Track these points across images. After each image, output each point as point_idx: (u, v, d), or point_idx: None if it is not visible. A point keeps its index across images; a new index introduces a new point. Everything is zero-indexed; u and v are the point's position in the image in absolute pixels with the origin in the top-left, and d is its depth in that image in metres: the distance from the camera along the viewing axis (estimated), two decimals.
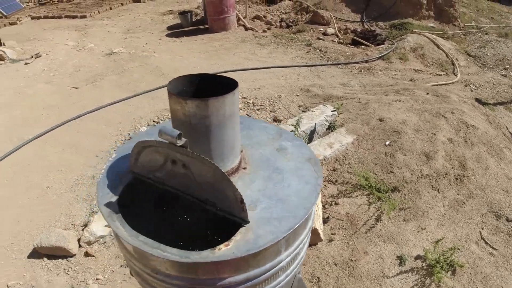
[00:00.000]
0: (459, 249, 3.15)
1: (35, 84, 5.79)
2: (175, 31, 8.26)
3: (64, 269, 3.07)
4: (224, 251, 1.00)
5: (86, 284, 3.00)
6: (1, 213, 3.50)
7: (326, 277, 3.16)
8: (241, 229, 1.07)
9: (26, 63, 6.72)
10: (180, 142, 0.98)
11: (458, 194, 3.56)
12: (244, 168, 1.29)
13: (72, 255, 3.13)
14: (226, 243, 1.02)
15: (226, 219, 1.09)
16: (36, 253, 3.11)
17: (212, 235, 1.11)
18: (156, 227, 1.14)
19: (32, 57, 6.92)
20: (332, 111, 3.98)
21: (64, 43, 7.93)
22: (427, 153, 3.76)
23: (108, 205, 1.13)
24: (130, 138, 4.11)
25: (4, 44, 7.62)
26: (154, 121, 4.27)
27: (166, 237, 1.11)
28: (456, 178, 3.66)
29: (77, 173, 3.87)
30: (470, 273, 3.06)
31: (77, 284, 2.97)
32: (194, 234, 1.14)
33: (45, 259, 3.09)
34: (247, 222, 1.07)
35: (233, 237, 1.04)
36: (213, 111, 1.06)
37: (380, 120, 4.03)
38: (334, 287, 3.14)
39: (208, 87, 1.22)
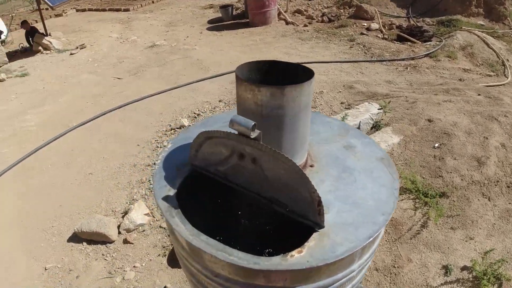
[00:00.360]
0: (507, 261, 2.88)
1: (80, 74, 5.90)
2: (216, 25, 8.21)
3: (103, 254, 3.06)
4: (297, 258, 0.87)
5: (124, 271, 2.98)
6: (43, 197, 3.55)
7: (366, 282, 2.98)
8: (315, 235, 0.93)
9: (71, 54, 6.87)
10: (253, 134, 0.85)
11: (510, 203, 3.27)
12: (311, 166, 1.15)
13: (111, 242, 3.11)
14: (299, 249, 0.89)
15: (296, 222, 0.95)
16: (76, 238, 3.12)
17: (281, 239, 0.98)
18: (216, 226, 1.02)
19: (77, 47, 7.06)
20: (378, 109, 3.76)
21: (108, 35, 8.06)
22: (478, 158, 3.47)
23: (166, 199, 1.02)
24: (183, 127, 4.06)
25: (50, 35, 7.84)
26: (194, 113, 4.21)
27: (228, 238, 0.99)
28: (508, 186, 3.35)
29: (118, 161, 3.87)
30: None
31: (114, 271, 2.95)
32: (259, 237, 1.01)
33: (84, 243, 3.09)
34: (322, 227, 0.93)
35: (306, 243, 0.90)
36: (289, 101, 0.92)
37: (429, 120, 3.76)
38: None
39: (278, 75, 1.09)
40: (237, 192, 1.04)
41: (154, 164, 1.17)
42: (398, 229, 3.21)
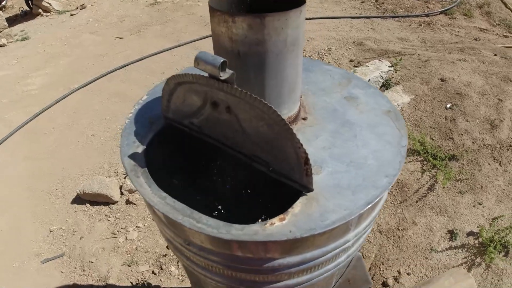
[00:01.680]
0: None
1: (81, 35, 5.65)
2: None
3: (106, 215, 2.99)
4: (278, 227, 0.71)
5: (127, 231, 2.92)
6: (47, 160, 3.47)
7: (368, 244, 2.87)
8: (301, 199, 0.76)
9: (71, 14, 6.56)
10: (224, 75, 0.66)
11: None
12: (304, 119, 0.96)
13: (114, 202, 3.04)
14: (281, 216, 0.72)
15: (280, 183, 0.78)
16: (79, 199, 3.05)
17: (261, 203, 0.82)
18: (190, 188, 0.86)
19: (77, 8, 6.74)
20: (388, 67, 3.47)
21: None
22: (491, 121, 3.20)
23: (133, 156, 0.85)
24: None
25: None
26: None
27: (202, 201, 0.83)
28: None
29: (120, 122, 3.73)
30: None
31: (117, 231, 2.90)
32: (236, 200, 0.85)
33: (87, 205, 3.02)
34: (310, 190, 0.76)
35: (290, 209, 0.73)
36: (272, 35, 0.72)
37: (442, 80, 3.47)
38: (377, 255, 2.84)
39: (264, 8, 0.87)
40: (214, 148, 0.87)
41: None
42: (404, 192, 3.05)
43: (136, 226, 2.98)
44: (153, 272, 2.67)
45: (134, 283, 2.63)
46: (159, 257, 2.76)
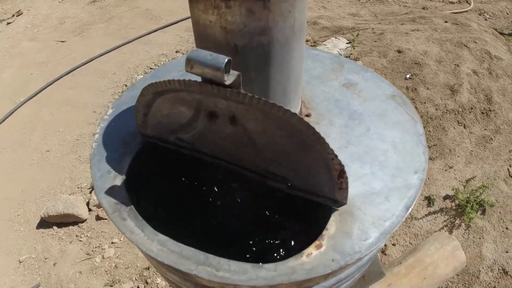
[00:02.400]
0: (488, 187, 2.81)
1: (20, 43, 5.05)
2: None
3: (77, 236, 2.70)
4: (317, 257, 0.56)
5: (102, 249, 2.65)
6: (3, 185, 3.06)
7: None
8: (334, 216, 0.61)
9: (8, 23, 5.85)
10: (229, 79, 0.49)
11: (485, 129, 3.14)
12: (307, 115, 0.81)
13: (83, 221, 2.74)
14: (317, 242, 0.57)
15: (301, 201, 0.63)
16: (45, 223, 2.72)
17: (276, 227, 0.66)
18: (187, 219, 0.68)
19: (13, 15, 6.01)
20: (346, 43, 3.39)
21: None
22: (451, 86, 3.26)
23: (112, 192, 0.66)
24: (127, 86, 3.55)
25: None
26: (151, 68, 3.68)
27: (204, 233, 0.66)
28: (482, 113, 3.21)
29: (76, 132, 3.37)
30: (500, 212, 2.75)
31: (92, 251, 2.62)
32: (246, 227, 0.68)
33: (55, 227, 2.70)
34: (343, 204, 0.62)
35: (324, 231, 0.59)
36: (277, 20, 0.54)
37: (399, 51, 3.47)
38: None
39: None
40: (211, 165, 0.69)
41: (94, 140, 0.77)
42: None
43: (112, 242, 2.72)
44: None
45: None
46: (142, 270, 2.54)
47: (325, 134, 0.77)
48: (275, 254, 0.57)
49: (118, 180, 0.68)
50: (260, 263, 0.55)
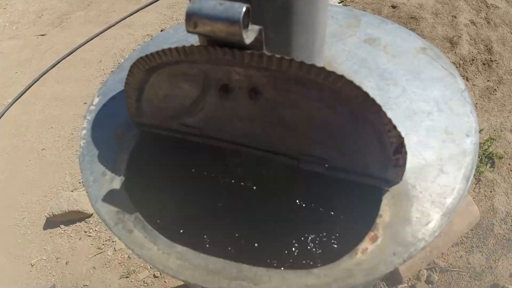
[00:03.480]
0: (495, 139, 2.71)
1: (1, 44, 4.76)
2: None
3: (85, 231, 2.60)
4: (374, 253, 0.43)
5: (113, 241, 2.56)
6: (4, 190, 2.93)
7: None
8: (386, 199, 0.48)
9: None
10: (248, 36, 0.34)
11: (488, 81, 3.01)
12: None
13: (89, 215, 2.63)
14: (372, 233, 0.45)
15: (344, 185, 0.50)
16: (51, 223, 2.61)
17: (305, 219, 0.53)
18: (208, 223, 0.55)
19: None
20: (338, 2, 3.18)
21: None
22: (450, 39, 3.09)
23: (110, 199, 0.52)
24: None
25: None
26: None
27: (231, 238, 0.54)
28: (484, 64, 3.06)
29: (69, 127, 3.20)
30: (509, 164, 2.67)
31: (102, 244, 2.53)
32: (281, 226, 0.55)
33: (62, 226, 2.59)
34: (396, 182, 0.49)
35: (378, 219, 0.46)
36: None
37: (393, 7, 3.26)
38: None
39: None
40: (227, 153, 0.56)
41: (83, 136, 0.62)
42: None
43: (135, 254, 2.63)
44: (154, 276, 2.39)
45: None
46: None
47: None
48: (323, 255, 0.45)
49: (116, 182, 0.55)
50: (307, 269, 0.42)
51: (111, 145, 0.61)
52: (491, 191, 2.50)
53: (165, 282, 2.48)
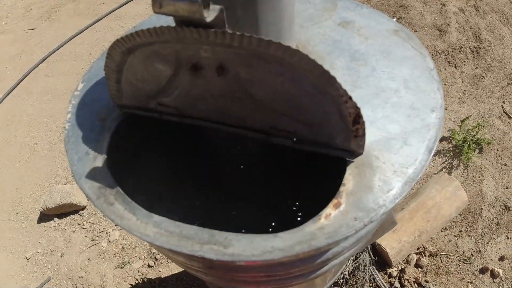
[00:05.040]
0: (483, 125, 2.76)
1: None
2: None
3: (79, 224, 2.63)
4: (337, 218, 0.48)
5: (106, 233, 2.60)
6: None
7: None
8: (350, 169, 0.52)
9: None
10: (209, 15, 0.37)
11: (476, 68, 3.05)
12: None
13: (83, 208, 2.67)
14: (335, 201, 0.49)
15: (311, 156, 0.54)
16: (45, 216, 2.64)
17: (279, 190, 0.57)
18: (184, 194, 0.59)
19: None
20: None
21: None
22: (439, 27, 3.13)
23: (93, 175, 0.56)
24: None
25: None
26: None
27: (205, 208, 0.57)
28: (472, 51, 3.10)
29: (61, 121, 3.22)
30: (497, 150, 2.73)
31: (97, 236, 2.57)
32: (252, 196, 0.59)
33: (56, 219, 2.63)
34: (359, 154, 0.53)
35: (341, 187, 0.50)
36: None
37: None
38: None
39: None
40: (203, 130, 0.59)
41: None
42: None
43: (116, 225, 2.66)
44: (148, 266, 2.43)
45: (134, 284, 2.38)
46: (150, 248, 2.50)
47: None
48: (289, 221, 0.49)
49: (99, 161, 0.58)
50: (274, 233, 0.46)
51: (94, 127, 0.65)
52: (479, 177, 2.55)
53: (159, 271, 2.53)
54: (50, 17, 4.52)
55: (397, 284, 2.35)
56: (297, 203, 0.53)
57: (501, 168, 2.75)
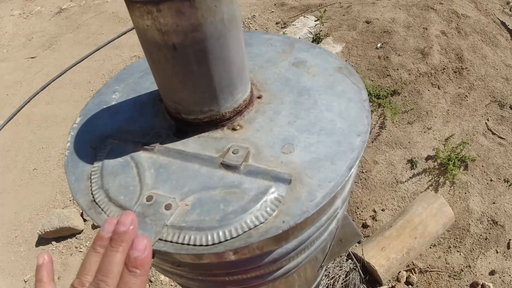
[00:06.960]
0: (468, 143, 2.93)
1: None
2: None
3: (76, 247, 2.78)
4: (269, 222, 0.65)
5: None
6: None
7: None
8: (287, 185, 0.70)
9: None
10: None
11: (459, 87, 3.25)
12: (259, 97, 0.89)
13: (80, 231, 2.82)
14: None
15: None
16: (43, 240, 2.79)
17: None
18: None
19: None
20: (315, 21, 3.45)
21: (10, 14, 6.82)
22: (422, 50, 3.36)
23: (86, 191, 0.73)
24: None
25: None
26: None
27: None
28: (455, 72, 3.32)
29: (60, 147, 3.42)
30: (482, 166, 2.88)
31: None
32: None
33: (53, 243, 2.78)
34: (288, 180, 0.70)
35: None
36: (206, 16, 0.62)
37: (367, 22, 3.54)
38: (350, 202, 2.94)
39: None
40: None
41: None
42: None
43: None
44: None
45: None
46: None
47: (276, 112, 0.85)
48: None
49: (97, 167, 0.76)
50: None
51: (89, 154, 0.83)
52: (465, 193, 2.70)
53: None
54: (51, 46, 4.81)
55: None
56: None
57: (487, 183, 2.89)
